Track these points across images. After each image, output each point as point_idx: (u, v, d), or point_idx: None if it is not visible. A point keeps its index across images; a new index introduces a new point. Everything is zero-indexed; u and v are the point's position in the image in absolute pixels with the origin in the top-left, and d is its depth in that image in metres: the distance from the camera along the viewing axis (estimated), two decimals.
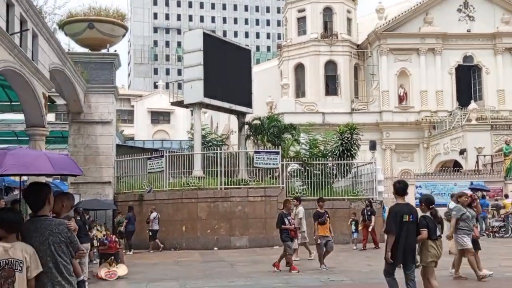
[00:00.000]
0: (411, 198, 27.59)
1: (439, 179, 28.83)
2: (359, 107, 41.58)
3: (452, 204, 13.61)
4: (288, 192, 20.06)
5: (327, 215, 13.75)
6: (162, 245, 19.22)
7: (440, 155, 38.30)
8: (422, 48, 41.01)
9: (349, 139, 22.44)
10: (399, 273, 7.63)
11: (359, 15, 45.37)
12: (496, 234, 22.33)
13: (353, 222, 19.22)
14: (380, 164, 30.62)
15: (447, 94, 41.05)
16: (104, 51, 21.74)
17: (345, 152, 21.98)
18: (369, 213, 18.73)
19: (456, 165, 34.21)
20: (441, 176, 29.50)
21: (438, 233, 7.98)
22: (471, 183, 27.23)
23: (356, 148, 22.61)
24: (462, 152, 34.67)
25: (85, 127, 20.96)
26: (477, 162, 32.26)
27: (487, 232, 22.52)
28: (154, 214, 19.29)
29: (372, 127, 39.80)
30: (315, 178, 20.69)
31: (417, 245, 7.71)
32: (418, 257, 7.79)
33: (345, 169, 21.57)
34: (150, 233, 19.29)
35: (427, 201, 8.22)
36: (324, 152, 22.91)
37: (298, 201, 16.04)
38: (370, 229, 18.56)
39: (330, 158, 22.13)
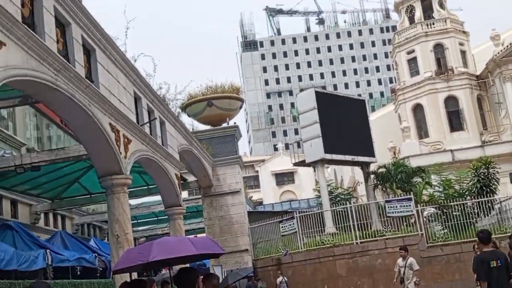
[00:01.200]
0: None
1: None
2: (490, 139, 39.19)
3: None
4: (429, 238, 19.13)
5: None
6: None
7: None
8: None
9: (486, 174, 21.14)
10: None
11: (473, 46, 43.62)
12: None
13: None
14: None
15: None
16: (224, 125, 22.83)
17: (484, 188, 20.67)
18: None
19: None
20: None
21: None
22: None
23: (496, 182, 21.20)
24: None
25: (216, 199, 21.83)
26: None
27: None
28: (280, 279, 19.31)
29: (509, 158, 37.03)
30: (455, 220, 19.56)
31: None
32: None
33: (487, 206, 20.20)
34: None
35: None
36: (460, 191, 21.69)
37: (405, 251, 14.40)
38: None
39: (468, 197, 20.89)
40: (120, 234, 11.36)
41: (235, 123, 23.65)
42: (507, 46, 39.11)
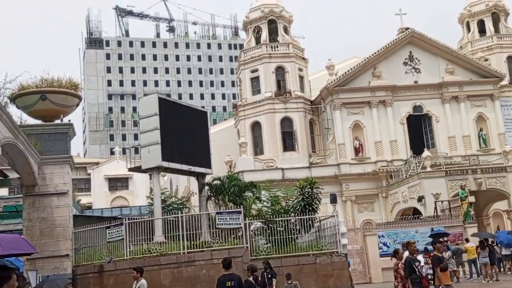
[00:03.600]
0: (374, 248, 27.76)
1: (400, 227, 29.11)
2: (317, 161, 42.12)
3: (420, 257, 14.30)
4: (253, 251, 19.80)
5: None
6: None
7: (399, 203, 38.86)
8: (373, 101, 42.33)
9: (310, 193, 22.48)
10: None
11: (310, 72, 46.76)
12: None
13: None
14: (342, 216, 30.73)
15: (401, 143, 42.16)
16: (57, 121, 21.47)
17: (307, 206, 21.96)
18: (269, 275, 16.68)
19: (416, 212, 34.70)
20: (402, 224, 29.80)
21: None
22: (432, 229, 27.64)
23: (317, 202, 22.64)
24: (420, 199, 35.27)
25: (40, 199, 20.37)
26: (435, 208, 32.83)
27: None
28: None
29: (331, 180, 40.24)
30: (278, 235, 20.51)
31: None
32: None
33: (308, 224, 21.50)
34: None
35: (251, 269, 13.02)
36: (286, 208, 22.85)
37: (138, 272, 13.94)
38: None
39: (292, 214, 22.06)
40: None
41: (69, 120, 22.34)
42: (340, 76, 42.62)
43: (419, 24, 74.74)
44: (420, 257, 17.25)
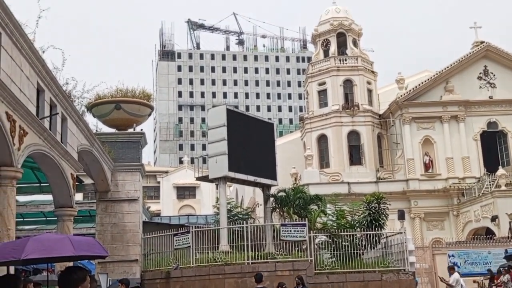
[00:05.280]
0: (444, 267, 26.80)
1: (472, 247, 27.95)
2: (384, 176, 41.29)
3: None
4: (317, 265, 19.64)
5: None
6: None
7: (471, 222, 37.36)
8: (445, 116, 41.07)
9: (377, 208, 22.09)
10: None
11: (380, 86, 46.06)
12: None
13: None
14: (410, 233, 29.97)
15: (474, 160, 40.60)
16: (130, 130, 22.28)
17: (373, 222, 21.58)
18: None
19: (489, 233, 33.24)
20: (473, 244, 28.61)
21: None
22: (506, 251, 26.36)
23: (385, 217, 22.20)
24: (493, 219, 33.79)
25: (112, 205, 21.16)
26: (510, 228, 31.33)
27: None
28: None
29: (399, 196, 39.26)
30: (343, 250, 20.25)
31: None
32: None
33: (374, 240, 21.11)
34: None
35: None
36: (352, 222, 22.55)
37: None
38: None
39: (358, 229, 21.75)
40: (2, 229, 10.68)
41: (141, 130, 23.16)
42: (410, 90, 41.68)
43: (494, 38, 71.99)
44: None
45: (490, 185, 36.15)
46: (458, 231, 38.43)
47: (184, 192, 63.59)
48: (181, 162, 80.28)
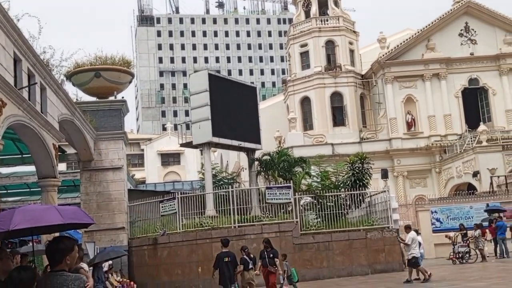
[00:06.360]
0: (427, 223, 27.36)
1: (454, 203, 28.50)
2: (368, 136, 41.58)
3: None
4: (302, 226, 19.91)
5: None
6: None
7: (453, 178, 37.98)
8: (427, 74, 41.20)
9: (360, 168, 22.31)
10: None
11: (361, 46, 45.88)
12: (463, 260, 21.72)
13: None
14: (393, 191, 30.37)
15: (455, 117, 41.00)
16: (111, 98, 22.03)
17: (357, 182, 21.82)
18: (271, 255, 14.76)
19: (470, 188, 33.87)
20: (456, 200, 29.16)
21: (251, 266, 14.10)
22: (487, 205, 26.94)
23: (368, 177, 22.45)
24: (475, 174, 34.38)
25: (96, 174, 21.08)
26: (491, 183, 31.93)
27: (453, 258, 21.96)
28: None
29: (383, 155, 39.68)
30: (328, 210, 20.52)
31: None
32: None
33: (358, 199, 21.40)
34: None
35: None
36: (336, 183, 22.78)
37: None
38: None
39: (343, 189, 21.99)
40: None
41: (123, 97, 22.91)
42: (392, 49, 41.62)
43: None
44: None
45: (471, 141, 36.64)
46: (441, 187, 39.09)
47: (169, 159, 63.52)
48: (164, 129, 79.81)
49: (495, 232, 23.70)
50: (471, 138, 37.04)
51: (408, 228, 17.37)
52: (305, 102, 43.23)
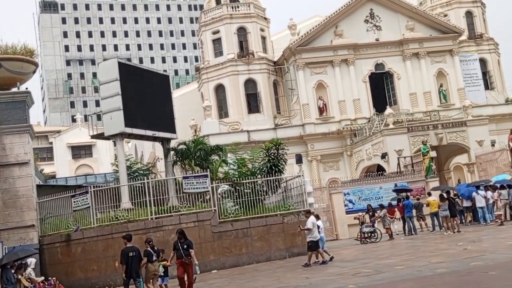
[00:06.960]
0: (340, 205, 28.32)
1: (365, 184, 29.67)
2: (282, 122, 42.25)
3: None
4: (221, 214, 19.92)
5: None
6: None
7: (364, 161, 39.51)
8: (336, 60, 42.40)
9: (276, 154, 22.63)
10: None
11: (273, 33, 46.34)
12: (368, 240, 22.76)
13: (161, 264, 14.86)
14: (308, 176, 31.14)
15: (364, 101, 42.57)
16: (14, 89, 20.81)
17: (273, 168, 22.13)
18: (185, 246, 13.67)
19: (380, 169, 35.37)
20: (366, 181, 30.36)
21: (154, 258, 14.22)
22: (395, 185, 28.30)
23: (283, 163, 22.83)
24: (383, 156, 35.92)
25: (1, 170, 19.89)
26: (398, 164, 33.50)
27: (360, 238, 23.01)
28: None
29: (297, 141, 40.53)
30: (246, 197, 20.66)
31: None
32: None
33: (274, 185, 21.71)
34: None
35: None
36: (253, 170, 22.97)
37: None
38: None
39: (259, 176, 22.22)
40: None
41: (27, 88, 21.73)
42: (302, 36, 42.39)
43: None
44: None
45: (379, 124, 38.22)
46: (352, 170, 40.57)
47: (80, 151, 61.30)
48: (74, 120, 76.98)
49: (403, 210, 24.98)
50: (379, 121, 38.63)
51: (308, 213, 17.89)
52: (220, 90, 43.15)
